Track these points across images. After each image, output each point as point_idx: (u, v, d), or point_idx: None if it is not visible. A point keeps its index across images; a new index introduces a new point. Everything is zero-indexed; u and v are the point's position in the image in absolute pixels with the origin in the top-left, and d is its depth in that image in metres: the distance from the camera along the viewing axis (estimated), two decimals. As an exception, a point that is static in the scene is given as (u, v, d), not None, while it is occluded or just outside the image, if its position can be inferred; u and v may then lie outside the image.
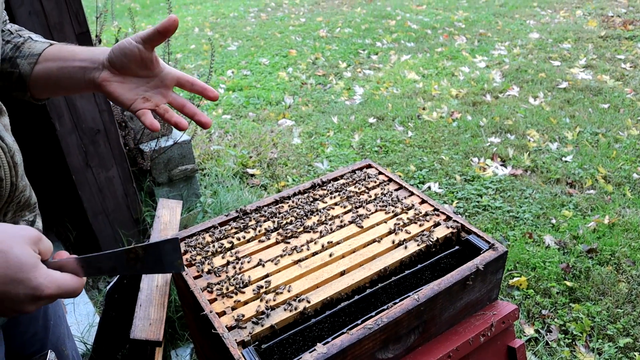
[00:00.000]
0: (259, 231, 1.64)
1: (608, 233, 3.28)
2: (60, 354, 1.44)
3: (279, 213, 1.72)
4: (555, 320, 2.72)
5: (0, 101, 1.01)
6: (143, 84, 1.09)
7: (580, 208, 3.59)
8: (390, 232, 1.61)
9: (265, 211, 1.73)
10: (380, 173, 1.94)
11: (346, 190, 1.83)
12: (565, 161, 4.15)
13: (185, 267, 1.49)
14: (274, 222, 1.68)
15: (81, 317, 2.79)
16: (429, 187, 3.92)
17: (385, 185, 1.86)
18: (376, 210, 1.71)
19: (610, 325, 2.66)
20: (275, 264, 1.50)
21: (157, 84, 1.10)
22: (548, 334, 2.64)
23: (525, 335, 2.62)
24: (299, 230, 1.63)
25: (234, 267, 1.50)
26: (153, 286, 1.99)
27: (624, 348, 2.54)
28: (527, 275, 2.98)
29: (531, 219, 3.49)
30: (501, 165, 4.17)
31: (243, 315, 1.32)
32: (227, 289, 1.41)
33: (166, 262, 0.86)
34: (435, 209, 1.73)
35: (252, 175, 4.24)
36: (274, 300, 1.37)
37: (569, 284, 2.91)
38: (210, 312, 1.32)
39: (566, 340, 2.61)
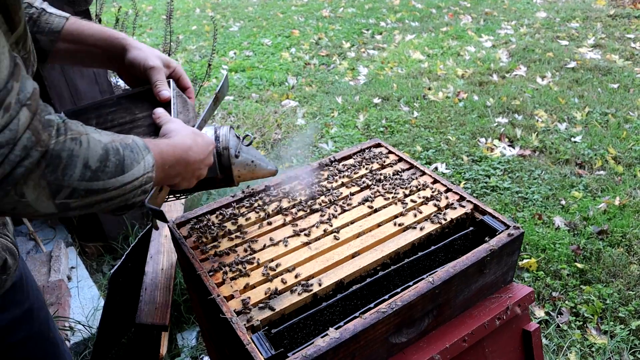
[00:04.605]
0: (267, 212, 1.59)
1: (619, 214, 3.23)
2: (46, 338, 1.38)
3: (287, 194, 1.67)
4: (566, 302, 2.68)
5: None
6: None
7: (590, 189, 3.53)
8: (402, 213, 1.56)
9: (272, 192, 1.68)
10: (390, 152, 1.88)
11: (355, 170, 1.77)
12: (575, 142, 4.08)
13: (191, 249, 1.44)
14: (281, 202, 1.63)
15: (85, 301, 2.75)
16: (436, 168, 3.86)
17: (395, 165, 1.81)
18: (387, 191, 1.66)
19: (622, 307, 2.62)
20: (284, 245, 1.45)
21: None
22: (559, 316, 2.61)
23: (535, 318, 2.58)
24: (307, 211, 1.58)
25: (242, 249, 1.45)
26: (158, 269, 1.95)
27: (636, 330, 2.50)
28: (537, 257, 2.93)
29: (540, 200, 3.43)
30: (509, 145, 4.10)
31: (252, 299, 1.27)
32: (235, 271, 1.36)
33: None
34: (448, 189, 1.67)
35: (256, 157, 4.18)
36: (284, 283, 1.32)
37: (579, 265, 2.86)
38: (218, 296, 1.27)
39: (577, 323, 2.57)
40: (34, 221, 3.32)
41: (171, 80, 1.31)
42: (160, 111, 1.20)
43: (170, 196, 1.35)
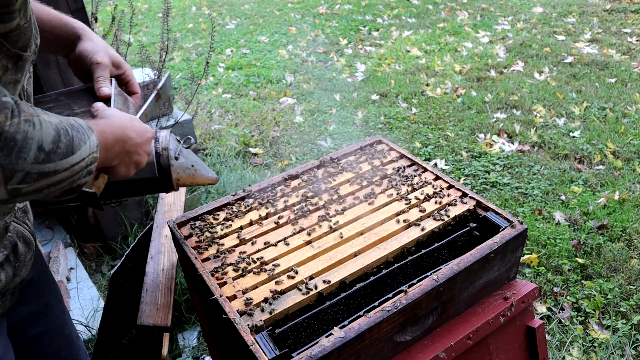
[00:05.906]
0: (268, 211, 1.57)
1: (618, 209, 3.22)
2: (62, 333, 1.39)
3: (288, 192, 1.66)
4: (568, 297, 2.67)
5: None
6: None
7: (589, 184, 3.52)
8: (404, 210, 1.55)
9: (273, 190, 1.67)
10: (391, 149, 1.87)
11: (357, 167, 1.76)
12: (573, 136, 4.07)
13: (192, 249, 1.43)
14: (283, 201, 1.62)
15: (85, 302, 2.74)
16: (435, 164, 3.85)
17: (397, 161, 1.80)
18: (389, 188, 1.65)
19: (623, 302, 2.62)
20: (286, 244, 1.44)
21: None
22: (561, 311, 2.60)
23: (537, 313, 2.58)
24: (309, 210, 1.57)
25: (244, 249, 1.44)
26: (159, 270, 1.94)
27: (638, 325, 2.49)
28: (538, 253, 2.93)
29: (540, 196, 3.43)
30: (508, 141, 4.09)
31: (254, 299, 1.26)
32: (237, 271, 1.35)
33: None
34: (451, 186, 1.66)
35: (254, 155, 4.17)
36: (287, 282, 1.31)
37: (580, 260, 2.86)
38: (221, 296, 1.26)
39: (579, 318, 2.57)
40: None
41: (113, 79, 1.28)
42: (99, 104, 1.17)
43: (107, 201, 1.31)
